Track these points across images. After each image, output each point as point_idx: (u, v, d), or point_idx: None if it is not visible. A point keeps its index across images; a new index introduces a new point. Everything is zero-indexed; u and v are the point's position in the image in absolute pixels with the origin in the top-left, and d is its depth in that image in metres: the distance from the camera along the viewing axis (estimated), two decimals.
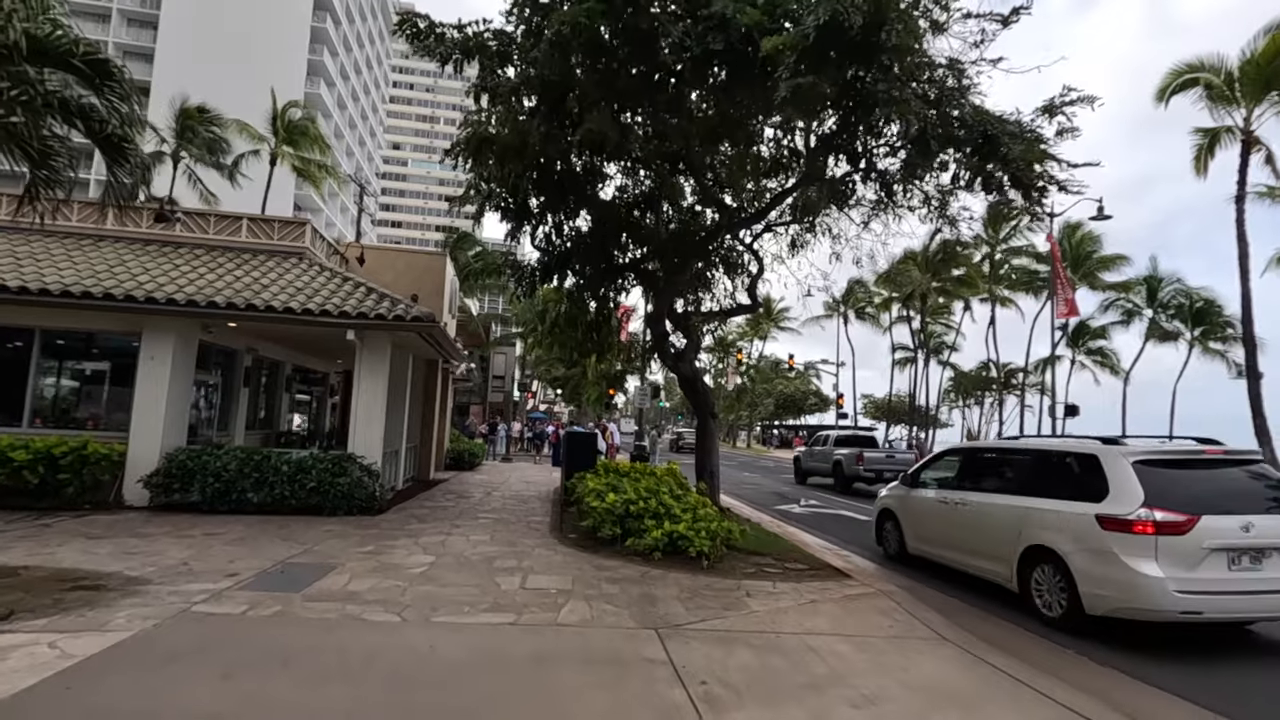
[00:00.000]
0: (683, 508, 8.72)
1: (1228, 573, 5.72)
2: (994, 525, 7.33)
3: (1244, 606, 5.81)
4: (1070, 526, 6.37)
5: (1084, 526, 6.22)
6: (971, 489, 8.04)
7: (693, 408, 13.09)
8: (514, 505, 12.76)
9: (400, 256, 17.18)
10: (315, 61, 57.52)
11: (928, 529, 8.73)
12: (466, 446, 20.59)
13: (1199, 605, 5.62)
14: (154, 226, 12.90)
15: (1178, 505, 5.86)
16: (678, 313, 13.54)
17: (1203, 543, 5.71)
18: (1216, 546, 5.72)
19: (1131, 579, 5.76)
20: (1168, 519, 5.79)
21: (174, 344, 10.71)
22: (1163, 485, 6.04)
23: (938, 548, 8.47)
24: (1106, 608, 5.96)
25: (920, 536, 8.90)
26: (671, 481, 11.47)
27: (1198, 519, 5.76)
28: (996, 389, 39.67)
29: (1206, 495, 6.04)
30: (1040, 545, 6.62)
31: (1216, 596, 5.66)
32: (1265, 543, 5.77)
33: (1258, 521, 5.80)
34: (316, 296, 11.15)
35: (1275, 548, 5.79)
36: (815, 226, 14.47)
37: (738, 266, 15.30)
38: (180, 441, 10.81)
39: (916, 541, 8.98)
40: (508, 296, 31.18)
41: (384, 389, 11.51)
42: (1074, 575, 6.20)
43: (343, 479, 10.31)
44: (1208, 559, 5.70)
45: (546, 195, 12.02)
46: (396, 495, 13.02)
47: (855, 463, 19.92)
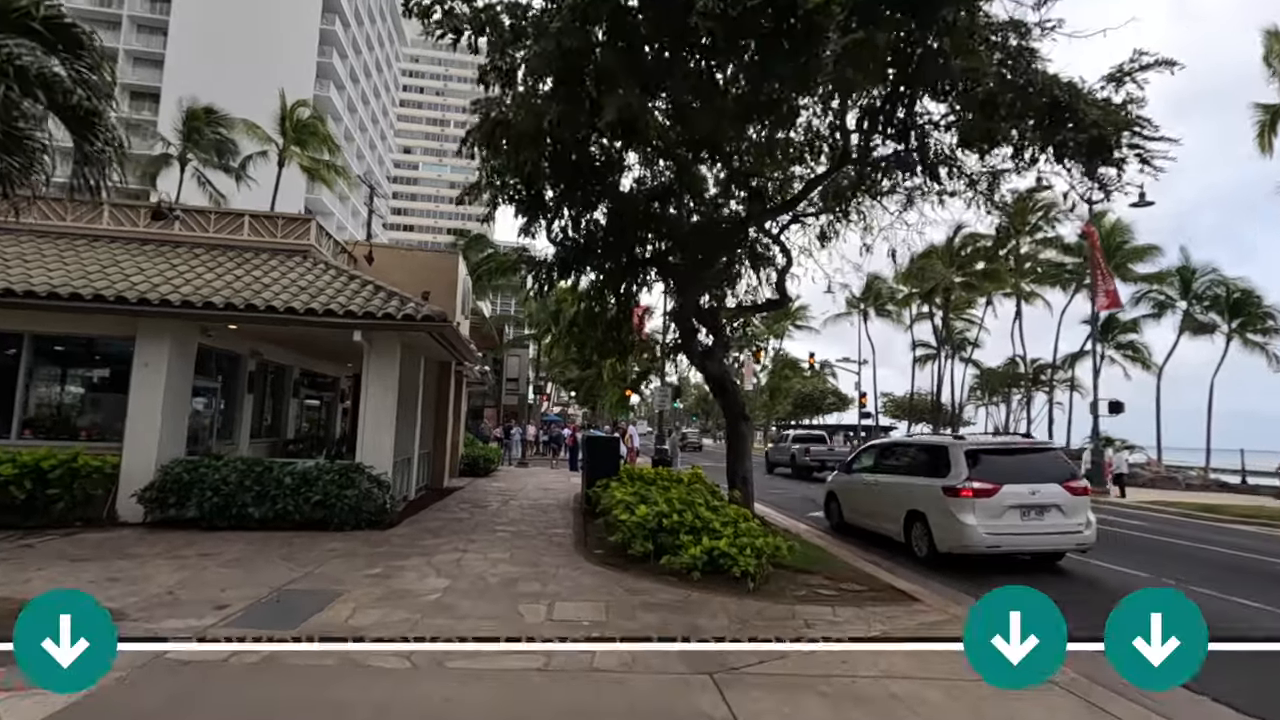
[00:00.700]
0: (722, 521, 7.90)
1: (1020, 521, 8.78)
2: (892, 497, 10.41)
3: (1029, 543, 8.91)
4: (930, 495, 9.32)
5: (937, 494, 9.18)
6: (881, 473, 11.14)
7: (722, 410, 12.27)
8: (533, 516, 11.99)
9: (411, 256, 16.49)
10: (324, 64, 57.16)
11: (856, 504, 11.71)
12: (481, 452, 19.87)
13: (999, 542, 8.67)
14: (151, 225, 12.26)
15: (989, 478, 8.88)
16: (705, 308, 12.72)
17: (1004, 502, 8.73)
18: (1012, 505, 8.75)
19: (962, 527, 8.72)
20: (981, 487, 8.79)
21: (170, 348, 10.04)
22: (981, 466, 9.08)
23: (862, 517, 11.45)
24: (949, 547, 8.92)
25: (852, 509, 11.83)
26: (703, 489, 10.66)
27: (1001, 487, 8.78)
28: (1025, 386, 38.38)
29: (1009, 471, 9.04)
30: (915, 509, 9.62)
31: (1011, 536, 8.73)
32: (1045, 502, 8.84)
33: (1041, 488, 8.84)
34: (321, 296, 10.44)
35: (1052, 505, 8.85)
36: (847, 215, 13.66)
37: (764, 260, 14.50)
38: (178, 452, 10.14)
39: (850, 514, 11.86)
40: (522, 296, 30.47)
41: (393, 394, 10.79)
42: (931, 527, 9.21)
43: (350, 491, 9.58)
44: (1006, 513, 8.73)
45: (564, 184, 11.27)
46: (409, 506, 12.29)
47: (804, 455, 25.38)
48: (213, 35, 50.52)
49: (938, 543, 9.04)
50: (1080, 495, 9.04)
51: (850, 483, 11.95)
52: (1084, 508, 9.06)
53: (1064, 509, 8.87)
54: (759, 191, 11.37)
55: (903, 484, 10.26)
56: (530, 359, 44.69)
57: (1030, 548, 8.97)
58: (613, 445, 13.08)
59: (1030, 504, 8.77)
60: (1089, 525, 9.03)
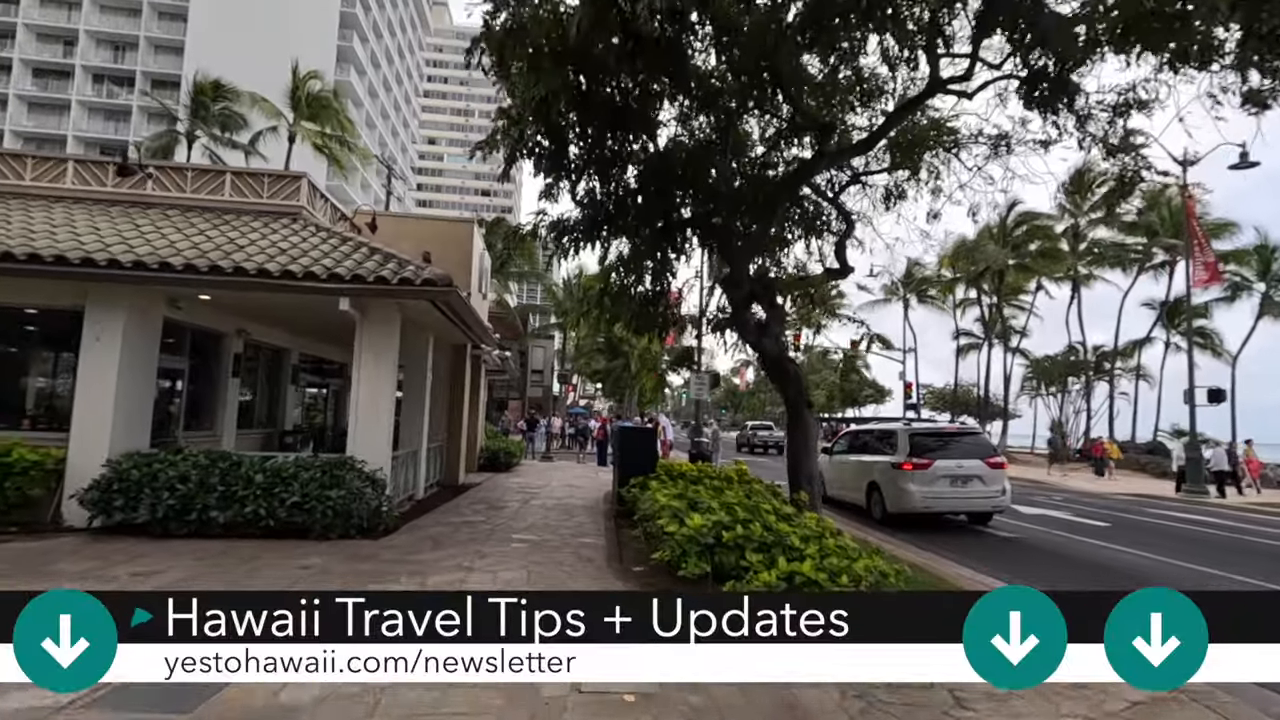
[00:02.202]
0: (801, 535, 6.02)
1: (949, 489, 11.31)
2: (858, 472, 12.88)
3: (955, 505, 11.53)
4: (884, 470, 11.91)
5: (888, 468, 11.79)
6: (852, 454, 13.66)
7: (781, 395, 10.36)
8: (557, 519, 10.23)
9: (421, 225, 14.81)
10: (345, 48, 55.88)
11: (834, 479, 13.82)
12: (502, 445, 18.18)
13: (932, 504, 11.31)
14: (121, 185, 10.69)
15: (926, 455, 11.49)
16: (759, 278, 10.81)
17: (936, 474, 11.29)
18: (943, 475, 11.29)
19: (905, 493, 11.35)
20: (919, 462, 11.41)
21: (126, 320, 8.43)
22: (920, 445, 11.73)
23: (838, 490, 13.70)
24: (896, 509, 11.51)
25: (832, 484, 13.69)
26: (763, 491, 8.79)
27: (934, 462, 11.38)
28: (1087, 375, 35.62)
29: (941, 450, 11.61)
30: (873, 480, 12.25)
31: (942, 499, 11.34)
32: (967, 473, 11.37)
33: (965, 463, 11.43)
34: (304, 259, 8.75)
35: (973, 475, 11.37)
36: (918, 170, 11.71)
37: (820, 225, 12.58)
38: (140, 444, 8.55)
39: (831, 488, 13.55)
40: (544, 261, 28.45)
41: (392, 376, 9.10)
42: (884, 494, 11.82)
43: (335, 491, 7.87)
44: (938, 481, 11.28)
45: (592, 129, 9.47)
46: (414, 507, 10.61)
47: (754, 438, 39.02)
48: (232, 20, 49.51)
49: (889, 506, 11.67)
50: (998, 469, 11.70)
51: (831, 462, 14.13)
52: (1001, 479, 11.69)
53: (984, 479, 11.45)
54: (828, 126, 9.39)
55: (865, 461, 12.88)
56: (556, 350, 43.20)
57: (957, 508, 11.62)
58: (648, 438, 11.26)
59: (957, 474, 11.32)
60: (1004, 492, 11.65)
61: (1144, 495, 19.26)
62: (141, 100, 48.93)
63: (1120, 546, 10.55)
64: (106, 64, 52.27)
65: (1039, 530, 12.14)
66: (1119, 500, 18.14)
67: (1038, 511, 14.22)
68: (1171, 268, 35.36)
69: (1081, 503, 16.87)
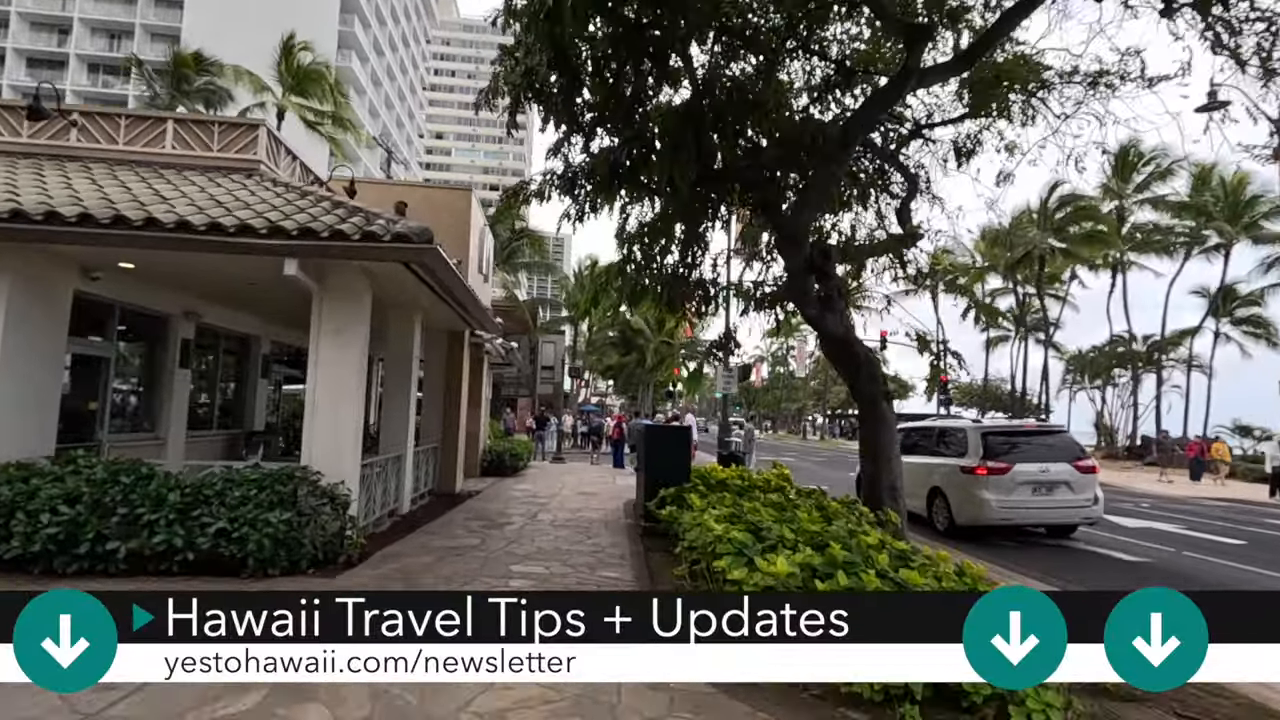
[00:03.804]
0: (942, 589, 4.02)
1: (1031, 497, 9.91)
2: (916, 476, 10.71)
3: (1038, 516, 10.13)
4: (951, 474, 10.58)
5: (956, 473, 10.44)
6: (908, 454, 10.28)
7: (849, 386, 8.29)
8: (571, 541, 8.25)
9: (410, 191, 12.85)
10: (346, 33, 53.88)
11: None
12: (508, 447, 16.21)
13: (1011, 515, 9.89)
14: (37, 135, 8.79)
15: (1002, 458, 10.09)
16: (819, 245, 8.74)
17: (1016, 479, 9.87)
18: (1024, 481, 9.89)
19: (978, 502, 9.93)
20: (995, 465, 9.98)
21: (12, 292, 6.53)
22: (996, 446, 10.27)
23: None
24: (967, 520, 10.16)
25: None
26: (840, 509, 6.78)
27: (1013, 465, 9.97)
28: (1135, 367, 33.17)
29: (1020, 451, 10.25)
30: (935, 486, 10.91)
31: (1023, 510, 9.91)
32: (1053, 479, 9.95)
33: (1050, 467, 10.01)
34: (243, 211, 6.80)
35: (1059, 481, 9.95)
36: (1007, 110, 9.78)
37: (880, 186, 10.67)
38: (39, 448, 6.68)
39: None
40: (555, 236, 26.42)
41: (359, 361, 7.17)
42: (950, 502, 10.48)
43: (279, 514, 5.93)
44: (1018, 488, 9.86)
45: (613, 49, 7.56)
46: (395, 525, 8.69)
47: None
48: (229, 6, 47.74)
49: (956, 516, 10.26)
50: (1088, 473, 10.12)
51: None
52: (1092, 485, 10.10)
53: (1072, 485, 9.95)
54: (923, 29, 7.34)
55: (925, 464, 11.19)
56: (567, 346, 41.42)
57: (1041, 520, 10.21)
58: (681, 439, 9.24)
59: (1041, 481, 9.89)
60: (1096, 501, 10.08)
61: (1236, 500, 17.12)
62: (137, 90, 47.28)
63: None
64: (102, 53, 50.72)
65: (1160, 549, 10.12)
66: (1213, 507, 15.97)
67: (1141, 524, 12.08)
68: (1227, 251, 32.95)
69: (1181, 512, 14.64)
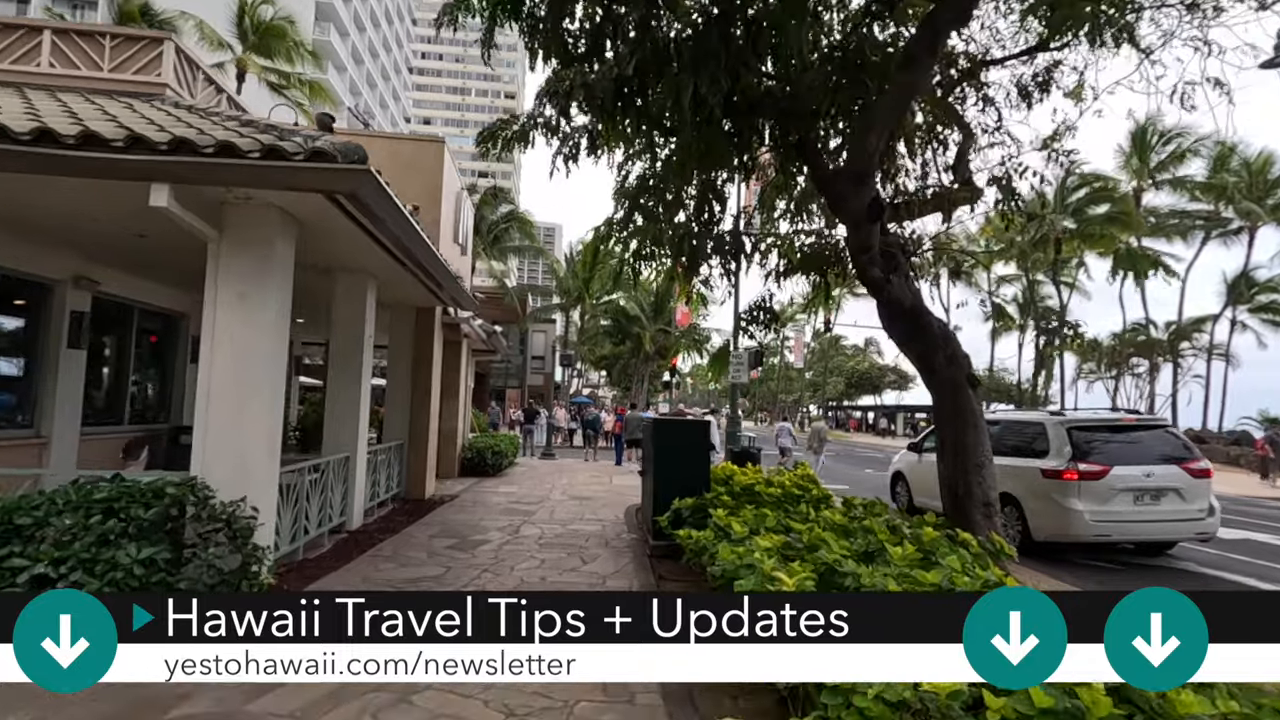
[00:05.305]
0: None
1: (1132, 507, 8.00)
2: None
3: (1142, 532, 8.17)
4: (1028, 479, 8.50)
5: (1036, 478, 8.42)
6: None
7: (918, 367, 6.44)
8: (562, 571, 6.40)
9: (371, 142, 10.82)
10: (324, 5, 51.04)
11: (926, 484, 9.92)
12: (490, 443, 14.31)
13: (1108, 530, 7.96)
14: None
15: (1097, 459, 8.15)
16: (880, 198, 6.82)
17: (1114, 486, 7.98)
18: (1123, 488, 7.98)
19: (1065, 514, 8.00)
20: (1088, 469, 8.04)
21: None
22: (1086, 444, 8.31)
23: (928, 498, 9.73)
24: (1048, 535, 8.25)
25: (922, 492, 10.48)
26: (941, 541, 4.93)
27: (1110, 469, 8.04)
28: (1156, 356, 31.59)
29: (1117, 450, 8.28)
30: (1005, 493, 8.03)
31: (1122, 523, 7.98)
32: (1159, 485, 8.03)
33: (1155, 470, 8.08)
34: (107, 124, 4.88)
35: (1167, 488, 8.04)
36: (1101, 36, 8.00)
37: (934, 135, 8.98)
38: None
39: (919, 496, 10.66)
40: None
41: (276, 333, 5.29)
42: (1026, 513, 8.45)
43: (137, 549, 4.07)
44: (1116, 497, 7.96)
45: None
46: (339, 546, 6.82)
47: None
48: None
49: (1033, 530, 8.42)
50: (1201, 478, 8.28)
51: (920, 464, 10.76)
52: (1206, 492, 8.29)
53: (1183, 493, 8.12)
54: None
55: None
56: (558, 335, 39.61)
57: (1144, 536, 8.36)
58: (699, 436, 7.40)
59: (1144, 487, 8.06)
60: (1212, 512, 8.22)
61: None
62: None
63: None
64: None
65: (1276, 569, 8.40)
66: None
67: (1237, 535, 10.32)
68: (1252, 234, 31.37)
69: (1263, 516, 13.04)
